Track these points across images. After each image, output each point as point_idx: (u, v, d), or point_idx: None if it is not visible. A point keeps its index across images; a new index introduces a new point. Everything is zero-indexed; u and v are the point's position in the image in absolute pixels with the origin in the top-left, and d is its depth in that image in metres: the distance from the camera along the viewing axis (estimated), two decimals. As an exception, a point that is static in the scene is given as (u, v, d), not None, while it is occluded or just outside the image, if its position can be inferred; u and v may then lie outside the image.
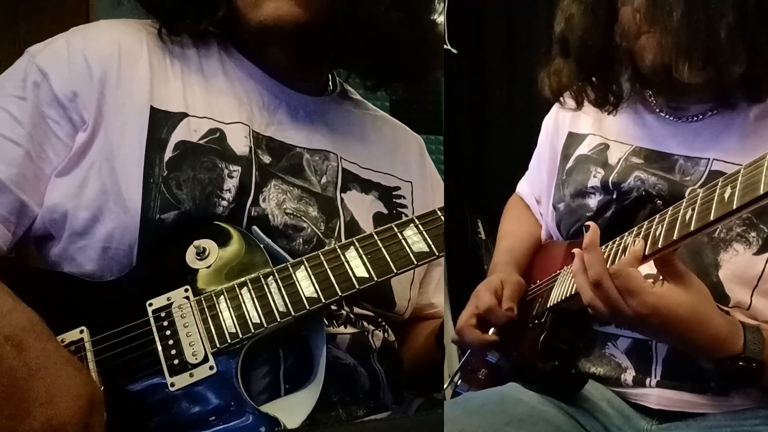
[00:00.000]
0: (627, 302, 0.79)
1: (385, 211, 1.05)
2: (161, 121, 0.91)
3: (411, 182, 1.11)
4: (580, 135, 1.13)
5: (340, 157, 1.03)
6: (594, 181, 1.04)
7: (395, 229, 0.89)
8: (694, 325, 0.79)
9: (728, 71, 0.86)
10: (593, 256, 0.82)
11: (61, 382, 0.69)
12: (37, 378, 0.68)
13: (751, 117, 0.95)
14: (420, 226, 0.89)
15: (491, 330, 1.07)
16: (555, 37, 1.06)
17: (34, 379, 0.68)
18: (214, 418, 0.78)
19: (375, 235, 0.88)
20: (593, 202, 1.03)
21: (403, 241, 0.88)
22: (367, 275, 0.85)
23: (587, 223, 0.86)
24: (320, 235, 0.95)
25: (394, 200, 1.07)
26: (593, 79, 1.04)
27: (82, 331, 0.80)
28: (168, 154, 0.89)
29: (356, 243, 0.88)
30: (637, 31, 0.92)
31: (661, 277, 0.80)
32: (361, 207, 1.02)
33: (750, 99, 0.92)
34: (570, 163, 1.11)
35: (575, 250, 0.85)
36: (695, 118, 0.99)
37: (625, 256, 0.81)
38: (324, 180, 1.00)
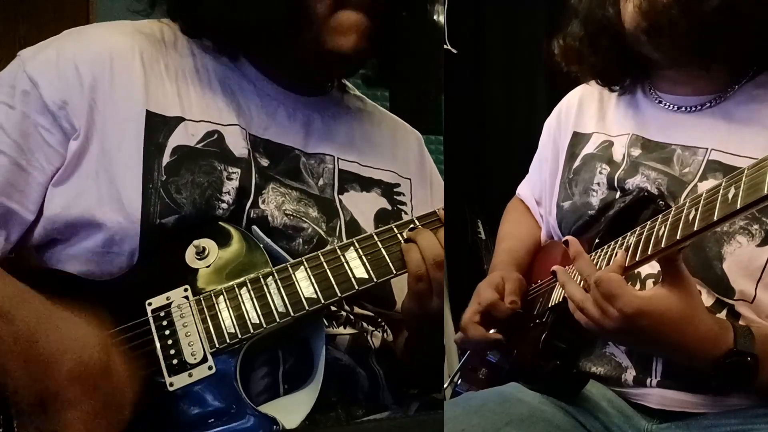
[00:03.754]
0: (613, 305, 0.80)
1: (389, 208, 1.05)
2: (158, 126, 0.90)
3: (410, 179, 1.11)
4: (585, 134, 1.13)
5: (338, 158, 1.03)
6: (600, 178, 1.04)
7: (395, 230, 0.89)
8: (683, 326, 0.79)
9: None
10: (582, 263, 0.85)
11: (66, 331, 0.71)
12: (41, 334, 0.69)
13: (748, 107, 0.96)
14: (420, 227, 0.88)
15: (492, 330, 1.07)
16: (569, 5, 1.08)
17: (38, 336, 0.69)
18: (213, 418, 0.78)
19: (375, 236, 0.88)
20: (596, 200, 1.04)
21: (403, 242, 0.87)
22: (366, 276, 0.85)
23: (564, 238, 0.90)
24: (322, 234, 0.95)
25: (395, 197, 1.07)
26: (592, 46, 1.05)
27: (81, 331, 0.80)
28: (166, 158, 0.89)
29: (356, 244, 0.87)
30: None
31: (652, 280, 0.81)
32: (362, 206, 1.02)
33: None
34: (577, 163, 1.11)
35: (555, 268, 0.89)
36: (694, 108, 1.00)
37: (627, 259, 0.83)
38: (321, 182, 1.00)
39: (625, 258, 0.82)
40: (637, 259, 0.82)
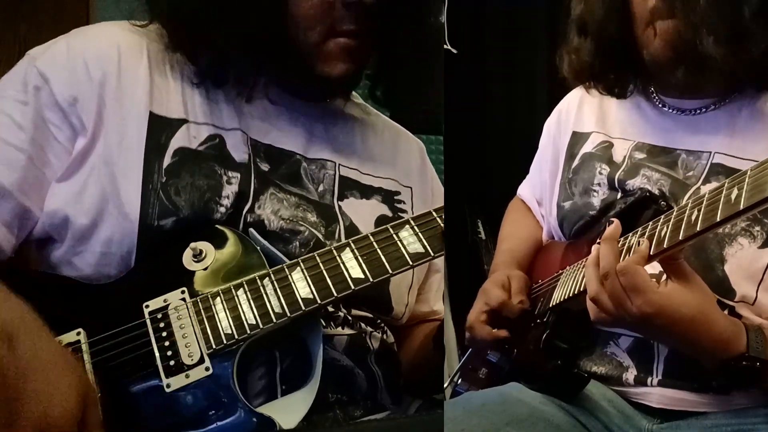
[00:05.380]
0: (632, 300, 0.78)
1: (390, 215, 1.04)
2: (160, 127, 0.90)
3: (411, 187, 1.11)
4: (584, 134, 1.13)
5: (339, 165, 1.03)
6: (600, 178, 1.04)
7: (391, 230, 0.88)
8: (697, 326, 0.78)
9: (751, 50, 0.88)
10: (608, 248, 0.81)
11: (53, 378, 0.67)
12: (28, 376, 0.66)
13: (751, 110, 0.95)
14: (415, 227, 0.88)
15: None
16: (572, 19, 1.07)
17: (24, 377, 0.66)
18: (210, 419, 0.77)
19: (371, 237, 0.88)
20: (597, 200, 1.04)
21: (398, 242, 0.87)
22: (362, 276, 0.85)
23: (612, 218, 0.87)
24: (320, 237, 0.95)
25: (395, 204, 1.07)
26: (605, 62, 1.05)
27: (78, 333, 0.79)
28: (167, 160, 0.89)
29: (352, 244, 0.87)
30: (649, 18, 0.94)
31: (664, 277, 0.80)
32: (362, 213, 1.01)
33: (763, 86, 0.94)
34: (576, 162, 1.11)
35: (594, 246, 0.84)
36: (697, 112, 1.00)
37: (630, 255, 0.81)
38: (321, 188, 1.00)
39: (649, 248, 0.79)
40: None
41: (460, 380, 1.18)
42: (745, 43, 0.88)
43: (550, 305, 1.01)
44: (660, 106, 1.04)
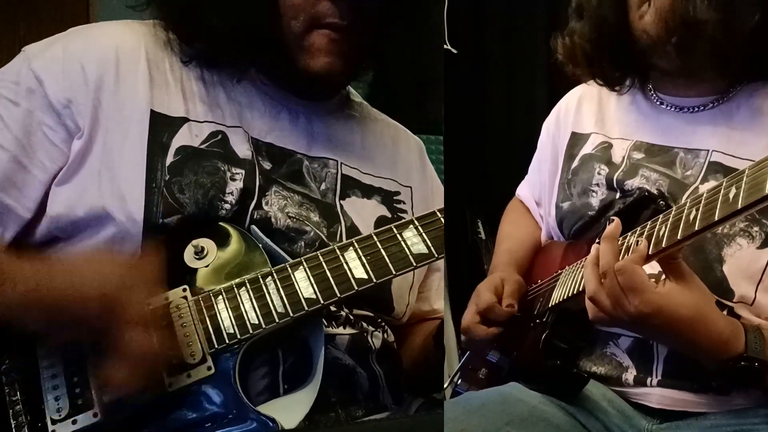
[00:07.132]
0: (630, 300, 0.78)
1: (389, 215, 1.04)
2: (162, 126, 0.90)
3: (411, 187, 1.11)
4: (583, 135, 1.13)
5: (341, 163, 1.03)
6: (598, 178, 1.04)
7: (395, 230, 0.88)
8: (696, 326, 0.78)
9: (743, 18, 0.88)
10: (608, 246, 0.81)
11: (77, 274, 0.76)
12: (67, 285, 0.75)
13: (748, 108, 0.96)
14: (419, 227, 0.88)
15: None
16: (571, 8, 1.08)
17: (65, 289, 0.74)
18: (211, 419, 0.77)
19: (374, 236, 0.87)
20: (596, 201, 1.04)
21: (402, 242, 0.87)
22: (366, 276, 0.85)
23: (612, 217, 0.87)
24: (324, 238, 0.94)
25: (395, 204, 1.07)
26: (600, 44, 1.05)
27: (79, 331, 0.80)
28: (169, 158, 0.89)
29: (355, 244, 0.87)
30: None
31: (663, 277, 0.80)
32: (362, 213, 1.01)
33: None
34: (575, 163, 1.11)
35: (594, 245, 0.84)
36: (694, 109, 1.00)
37: (628, 255, 0.81)
38: (323, 187, 1.00)
39: (647, 248, 0.79)
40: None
41: (460, 380, 1.18)
42: (737, 10, 0.88)
43: (550, 305, 1.01)
44: (658, 103, 1.05)
